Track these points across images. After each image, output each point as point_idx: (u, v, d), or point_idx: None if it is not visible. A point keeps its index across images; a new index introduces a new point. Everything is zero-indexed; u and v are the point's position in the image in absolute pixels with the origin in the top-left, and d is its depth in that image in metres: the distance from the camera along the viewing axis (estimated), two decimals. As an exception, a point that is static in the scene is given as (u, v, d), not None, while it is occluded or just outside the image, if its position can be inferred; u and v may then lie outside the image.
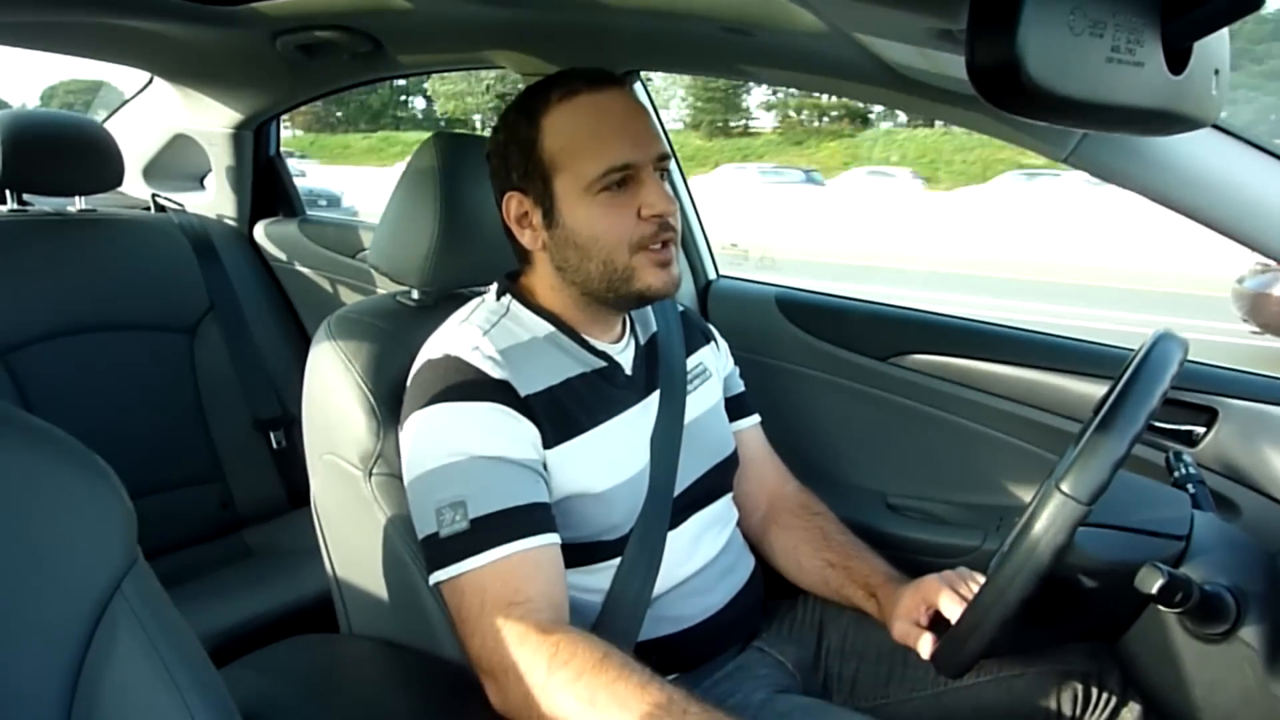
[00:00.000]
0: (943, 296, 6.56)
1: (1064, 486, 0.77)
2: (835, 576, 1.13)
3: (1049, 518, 0.77)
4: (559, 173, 0.95)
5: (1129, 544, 0.84)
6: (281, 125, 2.13)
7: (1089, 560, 0.83)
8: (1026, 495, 0.97)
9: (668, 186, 0.99)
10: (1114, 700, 0.99)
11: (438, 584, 0.89)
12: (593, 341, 1.03)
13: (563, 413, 0.96)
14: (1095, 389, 1.25)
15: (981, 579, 0.95)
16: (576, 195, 0.95)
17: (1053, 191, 13.66)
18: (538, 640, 0.82)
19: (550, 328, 1.01)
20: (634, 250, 0.95)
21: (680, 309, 1.20)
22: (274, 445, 1.89)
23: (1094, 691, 1.00)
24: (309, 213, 2.19)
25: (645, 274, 0.96)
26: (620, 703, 0.77)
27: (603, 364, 1.03)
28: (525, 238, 1.00)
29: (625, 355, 1.06)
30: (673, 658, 1.01)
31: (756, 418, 1.25)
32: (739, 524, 1.17)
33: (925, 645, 0.97)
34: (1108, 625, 0.91)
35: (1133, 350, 0.91)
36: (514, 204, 0.99)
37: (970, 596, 0.93)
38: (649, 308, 1.13)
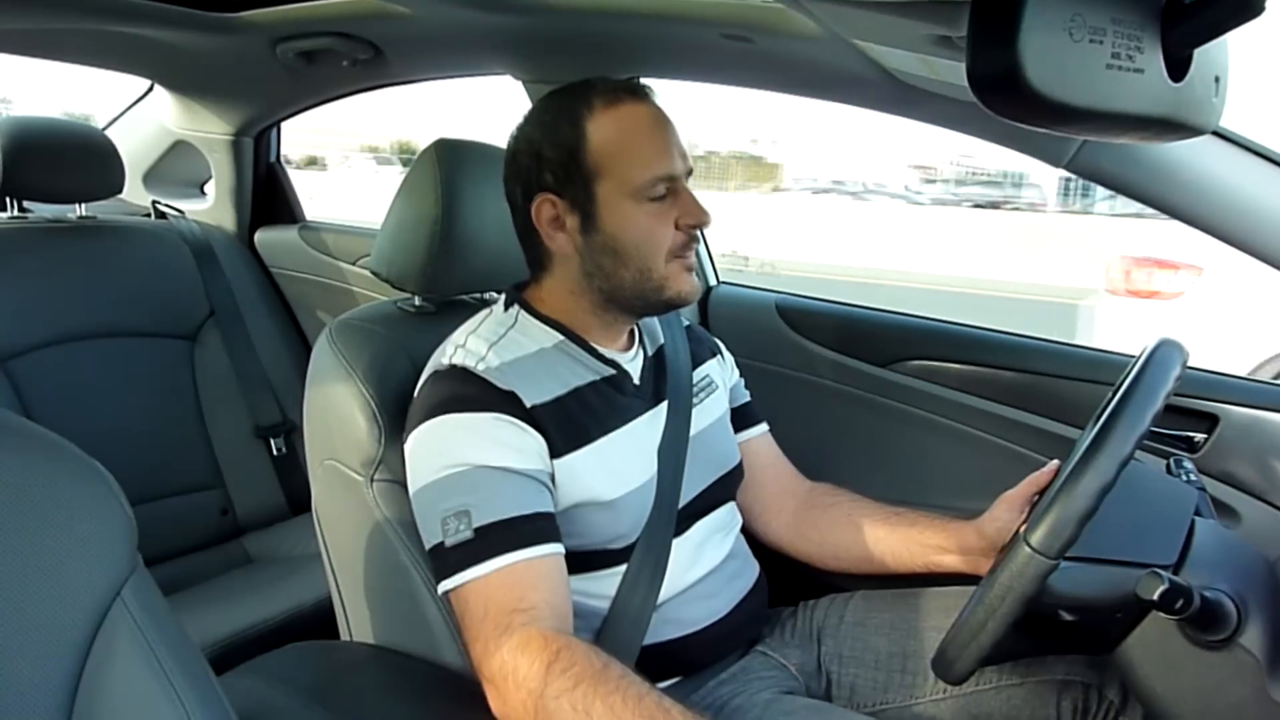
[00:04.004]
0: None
1: (1032, 540, 0.75)
2: (893, 540, 1.13)
3: (1016, 570, 0.75)
4: (603, 177, 0.95)
5: (1112, 578, 0.82)
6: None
7: (1066, 599, 0.82)
8: (1027, 501, 0.96)
9: None
10: (1114, 708, 0.99)
11: (445, 593, 0.89)
12: (602, 350, 1.03)
13: (572, 422, 0.96)
14: (1095, 394, 1.25)
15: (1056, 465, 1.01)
16: (620, 200, 0.95)
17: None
18: (539, 646, 0.82)
19: (559, 336, 1.01)
20: (669, 258, 0.97)
21: (685, 324, 1.20)
22: (274, 452, 1.89)
23: (1094, 699, 1.00)
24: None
25: (677, 281, 0.98)
26: (614, 715, 0.77)
27: (612, 371, 1.03)
28: (556, 241, 0.98)
29: (634, 364, 1.06)
30: (677, 661, 1.01)
31: (764, 426, 1.26)
32: (763, 530, 1.20)
33: None
34: (1096, 645, 0.91)
35: (1133, 357, 0.90)
36: (546, 207, 0.98)
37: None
38: (655, 321, 1.13)
